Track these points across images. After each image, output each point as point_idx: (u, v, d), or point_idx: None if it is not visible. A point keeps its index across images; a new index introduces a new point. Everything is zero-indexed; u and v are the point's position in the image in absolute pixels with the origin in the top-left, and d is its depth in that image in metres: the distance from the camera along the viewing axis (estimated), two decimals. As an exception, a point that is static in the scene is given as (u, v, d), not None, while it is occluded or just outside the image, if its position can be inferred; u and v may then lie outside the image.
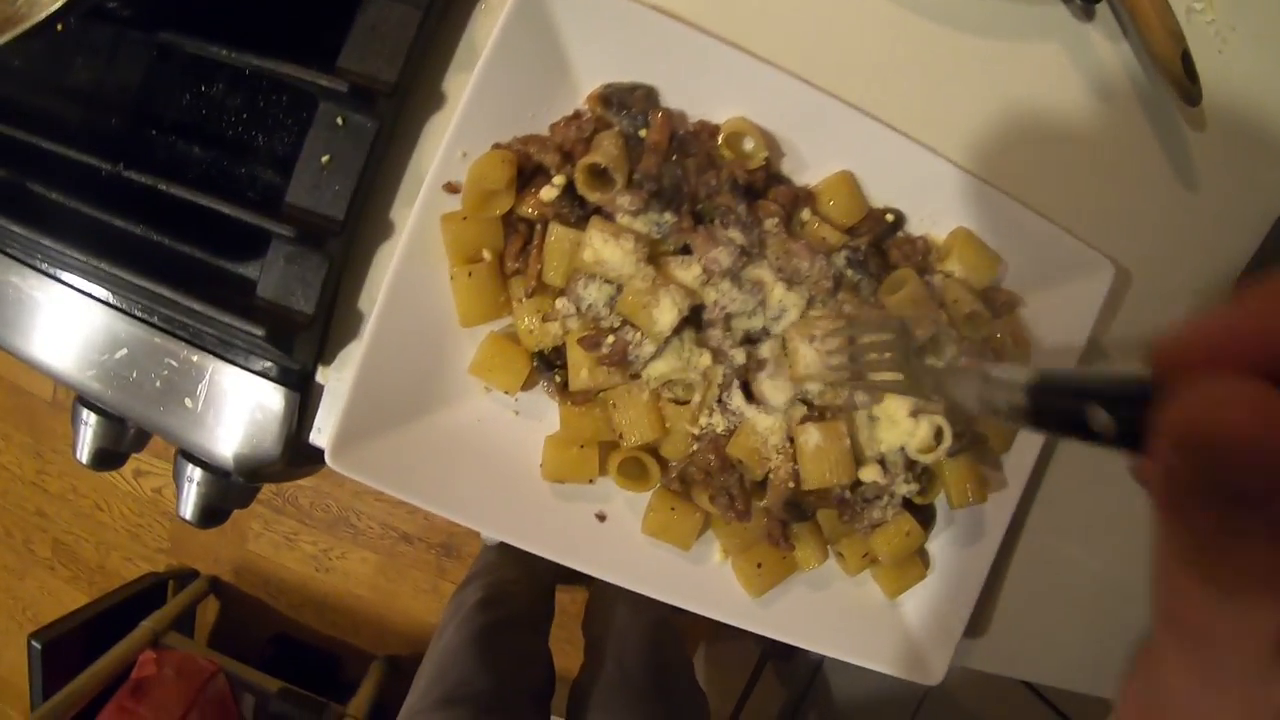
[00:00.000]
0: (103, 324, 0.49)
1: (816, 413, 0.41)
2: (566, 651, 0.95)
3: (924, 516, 0.45)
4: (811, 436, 0.40)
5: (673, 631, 0.92)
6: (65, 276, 0.50)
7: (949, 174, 0.45)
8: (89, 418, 0.54)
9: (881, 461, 0.43)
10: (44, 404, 1.54)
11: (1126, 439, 0.20)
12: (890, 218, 0.45)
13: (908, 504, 0.45)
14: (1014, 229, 0.46)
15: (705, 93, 0.43)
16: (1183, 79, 0.49)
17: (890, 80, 0.49)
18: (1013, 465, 0.47)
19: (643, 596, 0.95)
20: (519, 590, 0.96)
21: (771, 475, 0.41)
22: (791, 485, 0.40)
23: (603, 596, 1.02)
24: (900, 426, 0.43)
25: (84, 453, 0.54)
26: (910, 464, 0.44)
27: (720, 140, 0.42)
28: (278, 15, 0.49)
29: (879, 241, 0.45)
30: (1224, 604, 0.16)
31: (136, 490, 1.53)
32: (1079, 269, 0.47)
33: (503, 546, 1.08)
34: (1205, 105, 0.50)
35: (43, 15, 0.42)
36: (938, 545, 0.47)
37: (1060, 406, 0.23)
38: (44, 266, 0.51)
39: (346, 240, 0.44)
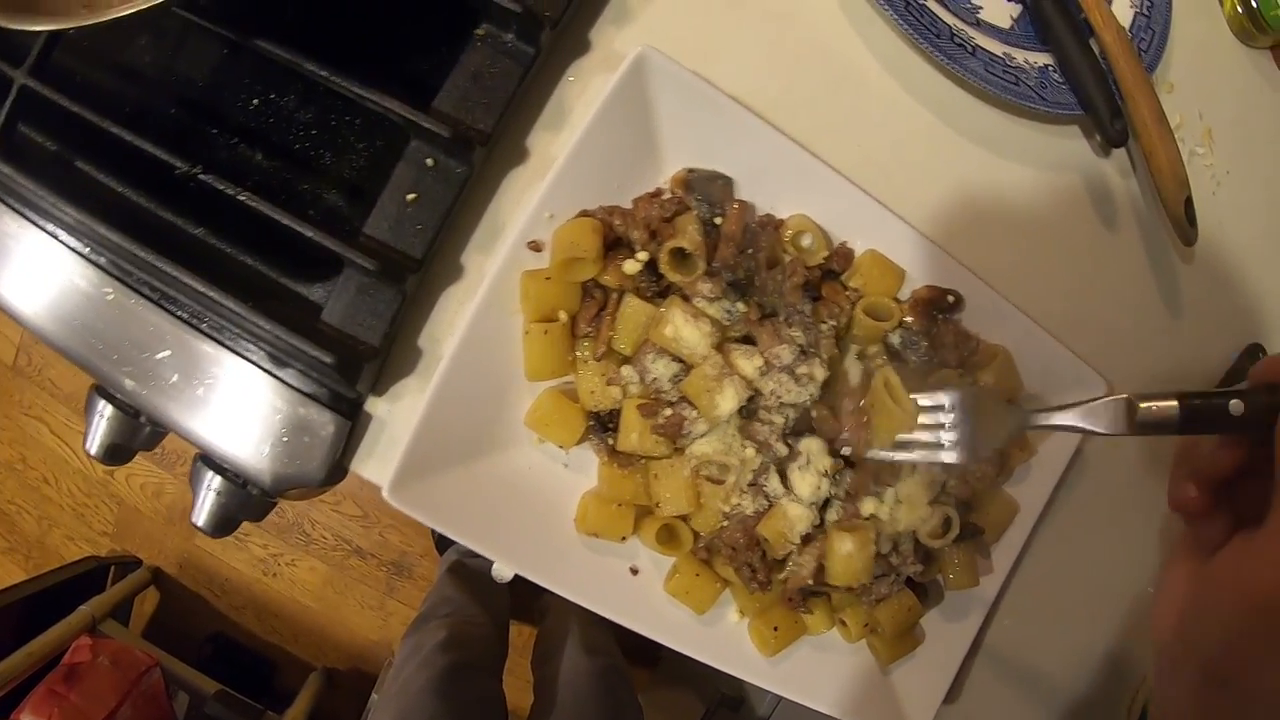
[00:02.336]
0: (146, 320, 0.48)
1: (849, 507, 0.45)
2: (508, 682, 0.96)
3: (922, 593, 0.50)
4: (845, 544, 0.43)
5: (624, 676, 0.94)
6: (107, 264, 0.49)
7: (980, 291, 0.49)
8: (105, 409, 0.52)
9: (895, 542, 0.47)
10: (3, 368, 1.44)
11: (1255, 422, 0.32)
12: (951, 298, 0.49)
13: (909, 581, 0.49)
14: (1026, 343, 0.51)
15: (774, 187, 0.46)
16: (1183, 222, 0.55)
17: (926, 189, 0.53)
18: (1000, 554, 0.52)
19: (596, 639, 0.97)
20: (479, 631, 0.96)
21: (794, 565, 0.45)
22: (811, 582, 0.44)
23: (552, 636, 1.02)
24: (918, 512, 0.47)
25: (95, 445, 0.53)
26: (918, 546, 0.48)
27: (787, 237, 0.45)
28: (363, 34, 0.50)
29: (934, 320, 0.49)
30: None
31: (88, 469, 1.45)
32: (1075, 384, 0.53)
33: (460, 580, 1.07)
34: (1197, 242, 0.56)
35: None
36: (927, 619, 0.52)
37: (1208, 409, 0.33)
38: (86, 250, 0.49)
39: (421, 278, 0.45)
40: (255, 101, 0.51)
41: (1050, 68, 0.55)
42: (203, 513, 0.51)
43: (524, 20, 0.44)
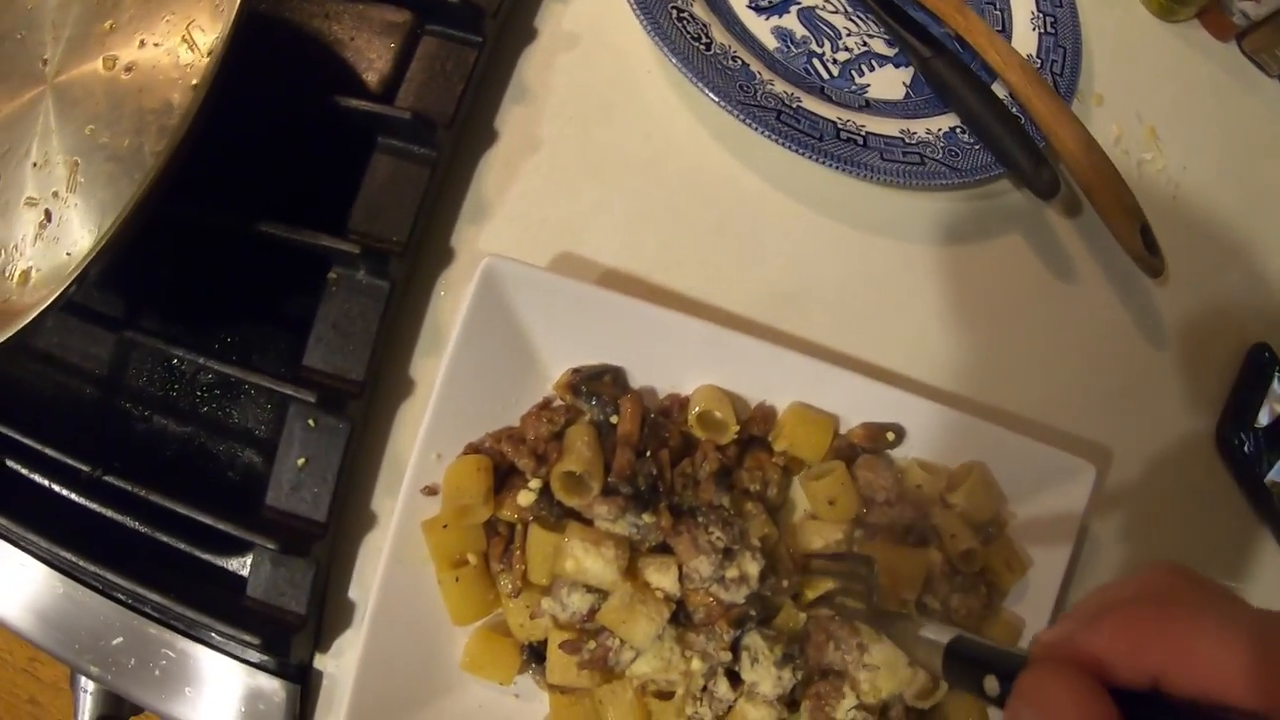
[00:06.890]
0: (96, 610, 0.49)
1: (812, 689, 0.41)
2: None
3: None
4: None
5: None
6: (50, 559, 0.50)
7: (929, 410, 0.45)
8: (88, 685, 0.54)
9: (884, 708, 0.43)
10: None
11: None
12: (891, 434, 0.45)
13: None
14: (996, 450, 0.46)
15: (670, 364, 0.43)
16: (1144, 255, 0.49)
17: (848, 307, 0.48)
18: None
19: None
20: None
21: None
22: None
23: None
24: (899, 675, 0.43)
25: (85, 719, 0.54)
26: (909, 709, 0.44)
27: (692, 417, 0.42)
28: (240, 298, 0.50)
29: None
30: None
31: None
32: (1065, 476, 0.47)
33: None
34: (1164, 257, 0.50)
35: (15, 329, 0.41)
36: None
37: (966, 671, 0.28)
38: (32, 549, 0.51)
39: (331, 540, 0.44)
40: (159, 370, 0.51)
41: (958, 129, 0.50)
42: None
43: (368, 258, 0.43)
